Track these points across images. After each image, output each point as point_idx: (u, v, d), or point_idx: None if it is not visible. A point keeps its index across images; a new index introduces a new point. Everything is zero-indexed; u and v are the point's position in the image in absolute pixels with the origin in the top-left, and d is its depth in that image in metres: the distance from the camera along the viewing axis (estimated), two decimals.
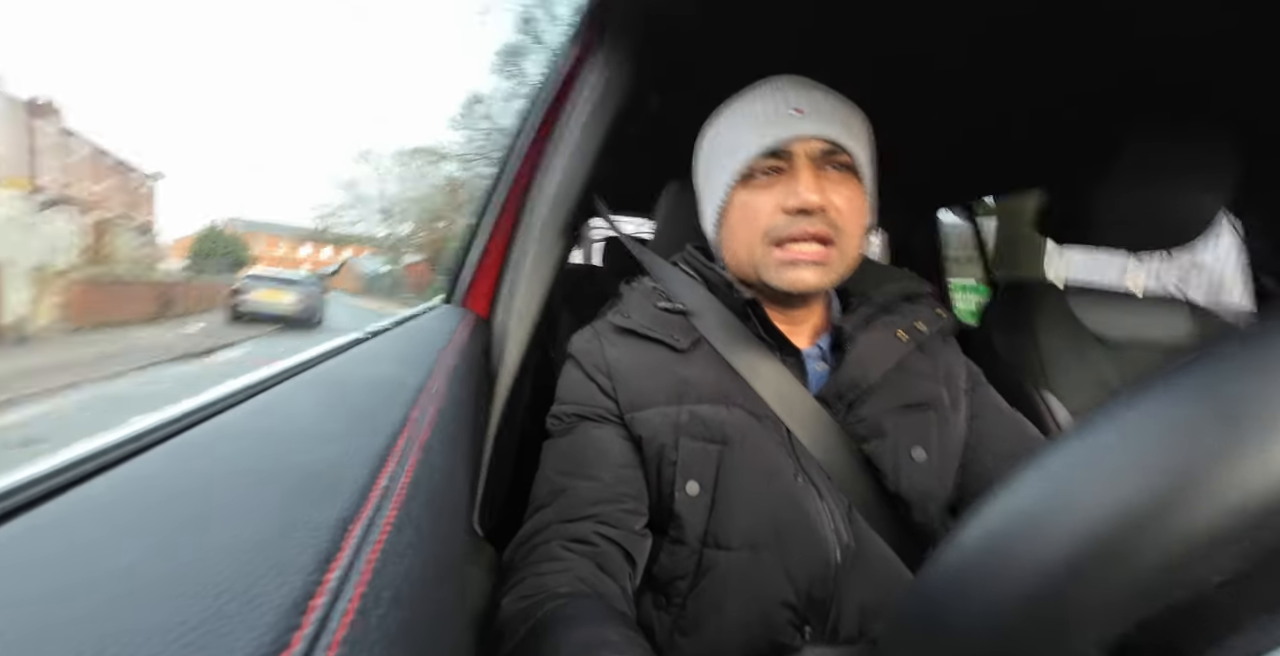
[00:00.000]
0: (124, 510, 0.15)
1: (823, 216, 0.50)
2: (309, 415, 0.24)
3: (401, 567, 0.16)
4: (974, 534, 0.18)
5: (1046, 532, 0.16)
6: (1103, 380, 0.83)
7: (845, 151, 0.51)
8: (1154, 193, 0.76)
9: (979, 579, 0.17)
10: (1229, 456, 0.13)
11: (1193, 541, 0.14)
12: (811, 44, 0.74)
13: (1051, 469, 0.17)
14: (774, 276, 0.52)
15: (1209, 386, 0.15)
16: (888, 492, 0.53)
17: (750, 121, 0.52)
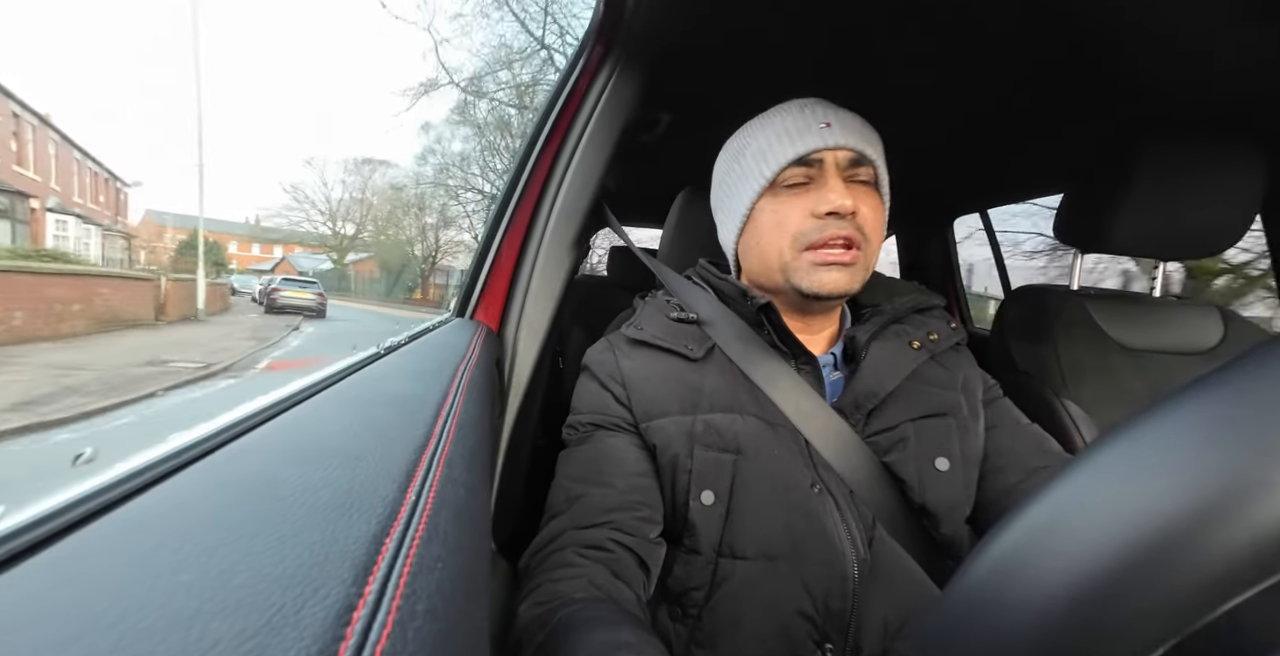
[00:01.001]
0: (169, 528, 0.16)
1: (851, 221, 0.52)
2: (335, 432, 0.25)
3: (433, 580, 0.16)
4: (1001, 549, 0.17)
5: (1075, 547, 0.15)
6: (1127, 389, 0.81)
7: (869, 163, 0.53)
8: (1182, 201, 0.76)
9: (1008, 595, 0.17)
10: (1266, 471, 0.13)
11: (1230, 556, 0.13)
12: (824, 61, 0.75)
13: (1079, 483, 0.17)
14: (804, 279, 0.53)
15: (1243, 396, 0.14)
16: (913, 505, 0.53)
17: (780, 133, 0.54)
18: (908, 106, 0.86)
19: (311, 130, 45.40)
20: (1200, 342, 0.84)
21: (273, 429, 0.25)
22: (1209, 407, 0.15)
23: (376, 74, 43.56)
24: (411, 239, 21.79)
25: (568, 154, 0.71)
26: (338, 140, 46.85)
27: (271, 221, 21.17)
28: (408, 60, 43.26)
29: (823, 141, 0.52)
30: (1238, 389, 0.15)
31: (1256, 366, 0.15)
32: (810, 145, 0.52)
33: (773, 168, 0.54)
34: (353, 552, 0.15)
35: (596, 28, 0.66)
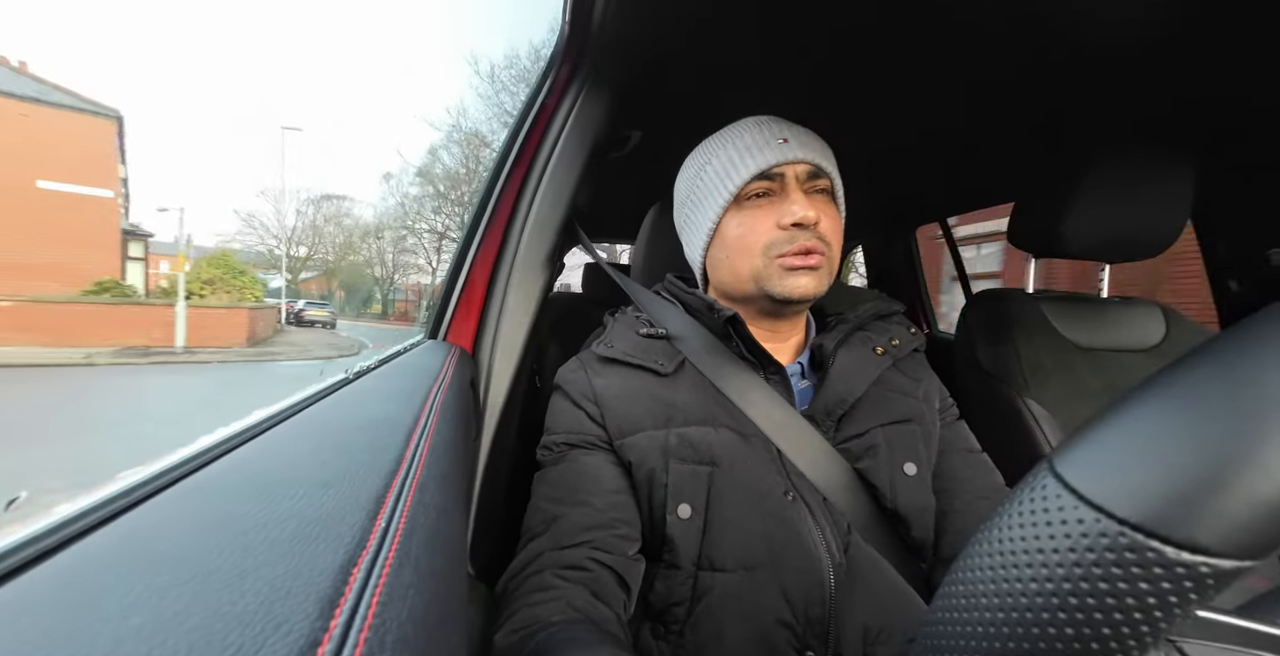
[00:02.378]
0: (118, 571, 0.15)
1: (814, 231, 0.54)
2: (302, 460, 0.24)
3: (404, 608, 0.16)
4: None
5: (1129, 480, 0.15)
6: (1084, 387, 0.85)
7: (826, 175, 0.56)
8: (1123, 207, 0.81)
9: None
10: (1232, 464, 0.14)
11: (1203, 540, 0.14)
12: (789, 78, 0.78)
13: (1128, 419, 0.17)
14: (777, 285, 0.54)
15: (1194, 394, 0.15)
16: (884, 510, 0.53)
17: (741, 149, 0.56)
18: (870, 121, 0.89)
19: (274, 166, 45.65)
20: (1146, 340, 0.89)
21: (233, 461, 0.24)
22: (1164, 405, 0.16)
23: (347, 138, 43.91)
24: (370, 261, 26.48)
25: (538, 172, 0.71)
26: (299, 177, 47.13)
27: (230, 244, 24.54)
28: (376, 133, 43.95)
29: (782, 156, 0.54)
30: (1185, 388, 0.16)
31: (1196, 371, 0.16)
32: (771, 159, 0.54)
33: (736, 182, 0.55)
34: (318, 585, 0.15)
35: (563, 47, 0.67)
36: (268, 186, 32.33)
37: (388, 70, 47.35)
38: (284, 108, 40.98)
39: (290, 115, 42.19)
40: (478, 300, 0.71)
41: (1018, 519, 0.17)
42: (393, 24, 55.55)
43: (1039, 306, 0.90)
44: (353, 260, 26.52)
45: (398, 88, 39.74)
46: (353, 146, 43.09)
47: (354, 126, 44.15)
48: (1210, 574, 0.14)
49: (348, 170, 44.70)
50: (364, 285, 28.03)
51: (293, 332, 16.65)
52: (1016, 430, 0.85)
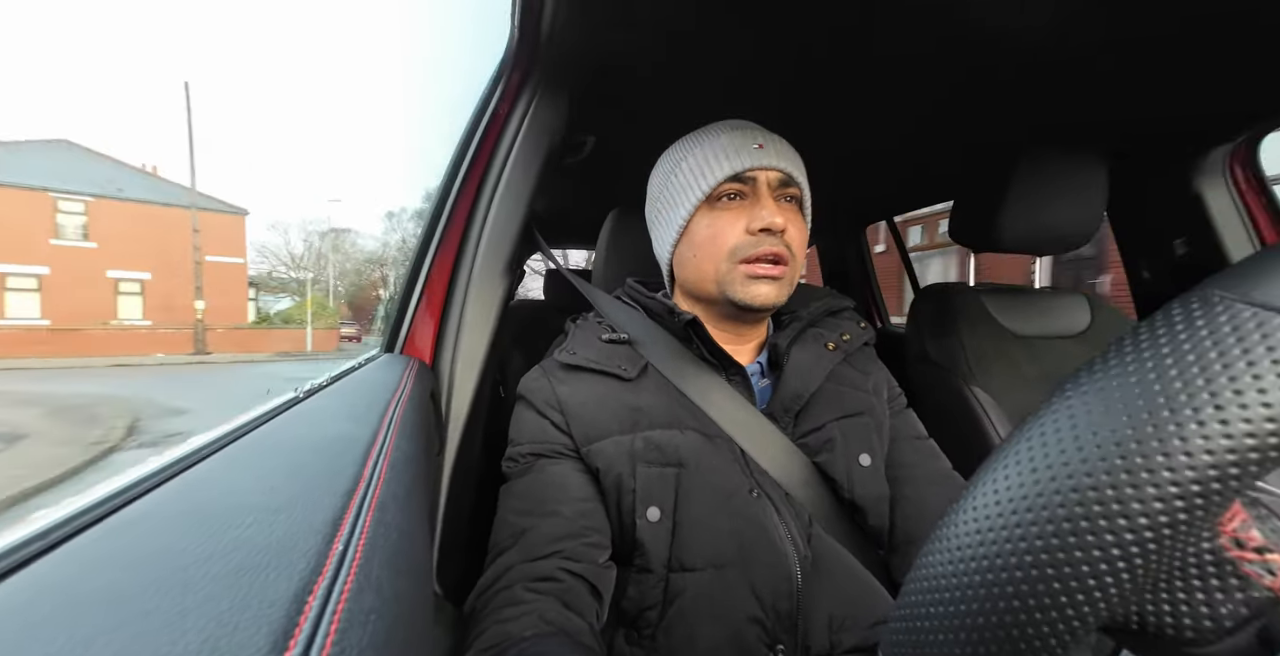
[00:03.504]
0: (33, 619, 0.13)
1: (781, 238, 0.55)
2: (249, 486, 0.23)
3: (365, 634, 0.15)
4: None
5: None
6: (1022, 374, 0.90)
7: (796, 184, 0.57)
8: (1048, 204, 0.87)
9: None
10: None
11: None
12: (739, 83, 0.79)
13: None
14: (739, 291, 0.55)
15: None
16: (842, 501, 0.55)
17: (717, 150, 0.56)
18: (820, 126, 0.93)
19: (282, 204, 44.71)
20: (1074, 327, 0.95)
21: (170, 491, 0.22)
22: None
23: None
24: (375, 283, 30.34)
25: (493, 179, 0.70)
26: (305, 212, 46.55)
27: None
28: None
29: (756, 161, 0.55)
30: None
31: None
32: (746, 163, 0.55)
33: (710, 182, 0.55)
34: (269, 616, 0.14)
35: (513, 53, 0.66)
36: (277, 220, 35.13)
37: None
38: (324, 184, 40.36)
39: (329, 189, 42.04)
40: (436, 311, 0.69)
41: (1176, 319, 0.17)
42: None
43: (980, 298, 0.95)
44: (360, 285, 30.67)
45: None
46: (359, 188, 42.75)
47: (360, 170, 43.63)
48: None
49: (353, 208, 46.32)
50: (373, 306, 31.33)
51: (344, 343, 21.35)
52: (965, 417, 0.89)
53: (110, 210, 13.50)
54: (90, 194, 13.04)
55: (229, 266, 16.17)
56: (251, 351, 14.72)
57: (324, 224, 27.79)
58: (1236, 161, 0.90)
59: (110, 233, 13.54)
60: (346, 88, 51.43)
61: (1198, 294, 0.17)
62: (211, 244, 14.73)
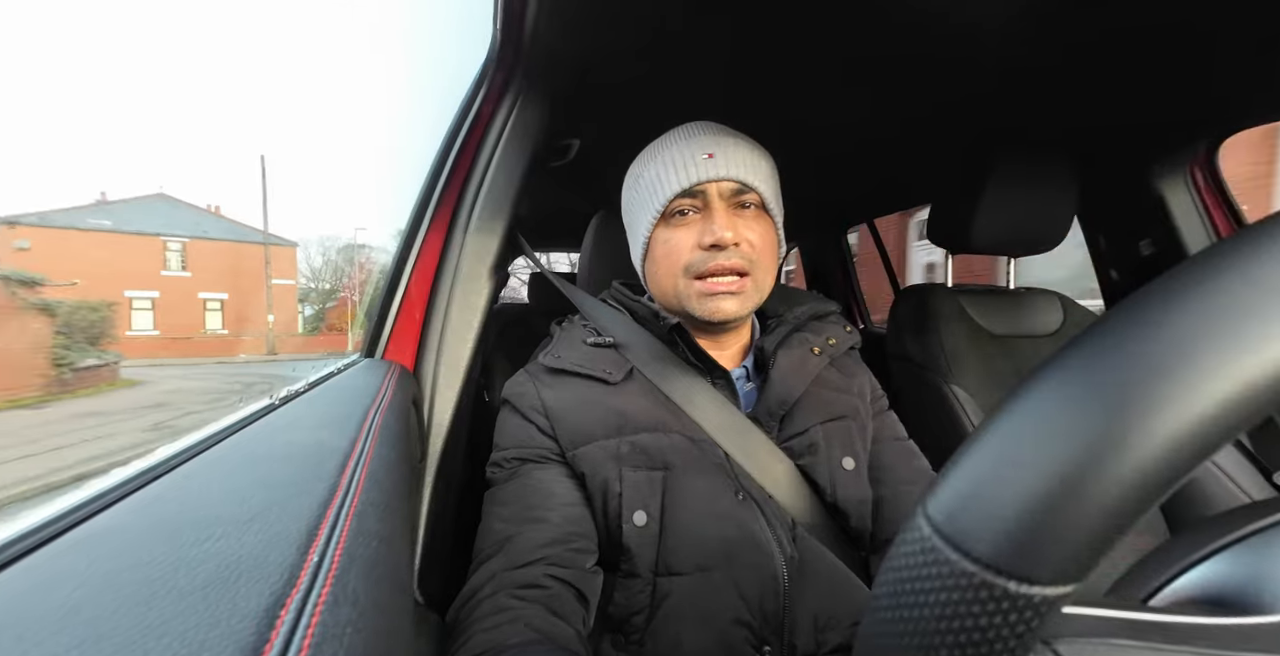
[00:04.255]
0: (6, 626, 0.13)
1: (737, 251, 0.54)
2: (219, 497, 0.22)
3: (341, 648, 0.15)
4: (916, 537, 0.19)
5: (978, 521, 0.17)
6: (997, 371, 0.92)
7: (753, 190, 0.55)
8: (1020, 207, 0.90)
9: (931, 574, 0.18)
10: (1112, 436, 0.15)
11: (1102, 511, 0.15)
12: (722, 87, 0.80)
13: (975, 460, 0.18)
14: (696, 307, 0.55)
15: (1084, 373, 0.16)
16: (826, 504, 0.56)
17: (667, 164, 0.56)
18: (801, 129, 0.94)
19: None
20: (1046, 326, 0.98)
21: (138, 501, 0.21)
22: (1056, 387, 0.17)
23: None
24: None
25: (476, 181, 0.69)
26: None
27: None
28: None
29: (705, 174, 0.53)
30: (1077, 368, 0.17)
31: (1087, 350, 0.17)
32: (693, 178, 0.53)
33: (661, 200, 0.55)
34: (238, 633, 0.14)
35: (496, 55, 0.66)
36: (299, 237, 37.78)
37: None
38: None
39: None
40: (417, 315, 0.68)
41: (900, 560, 0.18)
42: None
43: (957, 298, 0.97)
44: (373, 295, 33.26)
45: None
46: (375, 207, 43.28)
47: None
48: (1042, 602, 0.15)
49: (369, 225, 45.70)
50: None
51: None
52: (944, 415, 0.91)
53: (199, 247, 18.93)
54: (186, 236, 18.56)
55: (285, 287, 21.04)
56: (306, 352, 19.35)
57: (340, 240, 30.44)
58: (1197, 165, 0.93)
59: (199, 264, 18.96)
60: (354, 97, 51.27)
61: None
62: (273, 270, 19.20)
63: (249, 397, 0.43)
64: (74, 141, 38.06)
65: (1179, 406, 0.14)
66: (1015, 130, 0.93)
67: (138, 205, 18.13)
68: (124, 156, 39.97)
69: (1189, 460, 0.14)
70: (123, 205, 18.03)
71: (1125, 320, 0.16)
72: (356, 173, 47.03)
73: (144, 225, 17.62)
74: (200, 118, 43.85)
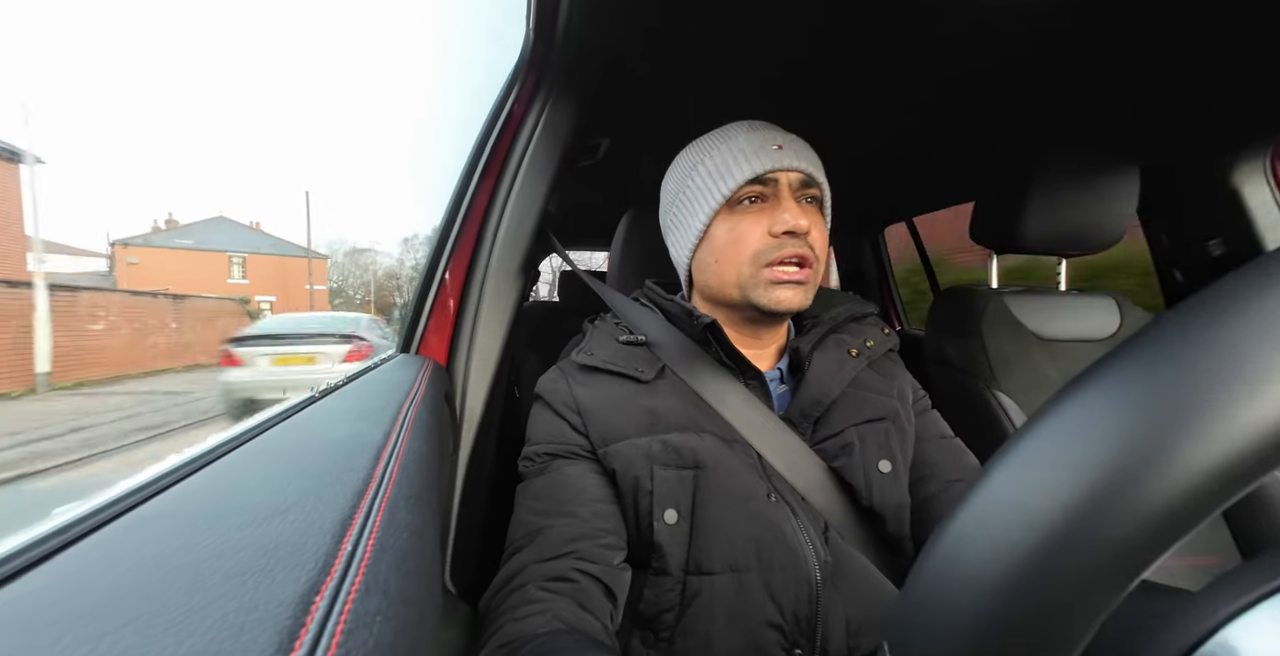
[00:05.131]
0: (45, 619, 0.14)
1: (804, 240, 0.54)
2: (259, 486, 0.23)
3: (371, 636, 0.15)
4: (945, 544, 0.18)
5: (1018, 527, 0.16)
6: (1045, 377, 0.87)
7: (817, 185, 0.56)
8: (1074, 205, 0.85)
9: (957, 583, 0.17)
10: (1163, 438, 0.14)
11: (1151, 515, 0.14)
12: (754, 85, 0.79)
13: (1013, 468, 0.17)
14: (762, 295, 0.54)
15: (1139, 374, 0.16)
16: (861, 508, 0.54)
17: (735, 152, 0.55)
18: (837, 125, 0.92)
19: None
20: (1102, 330, 0.92)
21: (184, 490, 0.23)
22: (1108, 391, 0.16)
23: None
24: (391, 291, 35.33)
25: (508, 182, 0.70)
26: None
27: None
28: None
29: (777, 163, 0.53)
30: (1132, 370, 0.16)
31: (1142, 350, 0.16)
32: (766, 165, 0.53)
33: (730, 186, 0.54)
34: (276, 617, 0.14)
35: (528, 57, 0.67)
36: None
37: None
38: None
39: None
40: (451, 312, 0.70)
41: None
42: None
43: (1002, 300, 0.93)
44: (379, 295, 35.84)
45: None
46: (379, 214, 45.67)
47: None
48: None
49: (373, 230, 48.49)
50: (389, 310, 38.24)
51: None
52: (987, 422, 0.87)
53: (255, 260, 23.79)
54: (245, 251, 23.29)
55: (320, 292, 25.62)
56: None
57: (347, 244, 33.84)
58: (1278, 157, 0.86)
59: (255, 274, 23.71)
60: (370, 106, 53.45)
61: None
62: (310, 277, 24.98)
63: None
64: (142, 166, 42.27)
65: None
66: (1070, 120, 0.87)
67: (206, 225, 23.03)
68: (186, 180, 44.37)
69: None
70: (198, 226, 22.86)
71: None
72: (384, 180, 49.24)
73: (214, 243, 22.53)
74: (245, 138, 47.33)
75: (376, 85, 56.32)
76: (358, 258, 33.64)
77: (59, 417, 6.30)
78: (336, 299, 32.05)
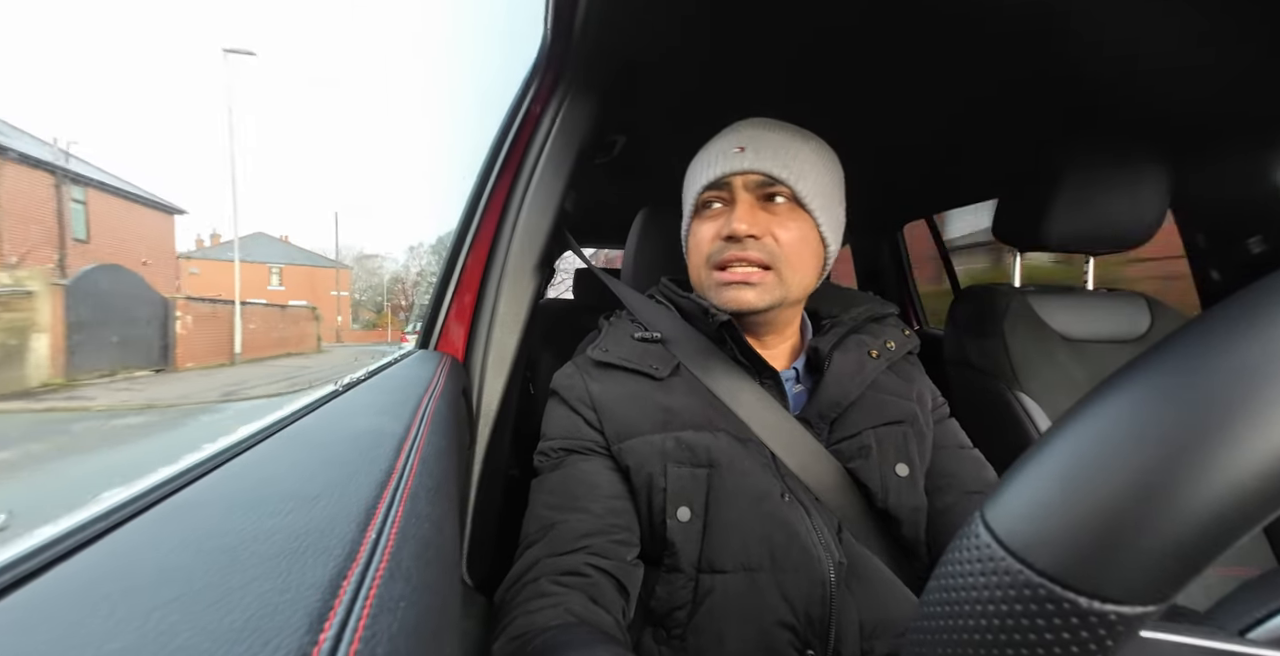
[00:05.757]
0: (99, 594, 0.14)
1: (756, 243, 0.53)
2: (288, 475, 0.24)
3: (395, 620, 0.16)
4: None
5: (1047, 532, 0.15)
6: (1071, 378, 0.85)
7: (782, 184, 0.54)
8: (1103, 202, 0.82)
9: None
10: (1208, 446, 0.13)
11: (1191, 527, 0.14)
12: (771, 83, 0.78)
13: (1044, 468, 0.17)
14: (715, 297, 0.56)
15: (1178, 377, 0.15)
16: (876, 510, 0.54)
17: (704, 158, 0.58)
18: (855, 122, 0.90)
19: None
20: (1132, 331, 0.90)
21: (219, 477, 0.24)
22: (1137, 391, 0.16)
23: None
24: (398, 294, 37.39)
25: (524, 180, 0.71)
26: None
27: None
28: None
29: (730, 167, 0.54)
30: (1162, 372, 0.16)
31: (1185, 345, 0.16)
32: (718, 171, 0.55)
33: (693, 193, 0.57)
34: (306, 599, 0.15)
35: (546, 55, 0.67)
36: (320, 246, 43.71)
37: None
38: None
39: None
40: (468, 309, 0.71)
41: (955, 568, 0.17)
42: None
43: (1025, 299, 0.91)
44: (389, 299, 38.54)
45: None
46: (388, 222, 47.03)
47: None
48: (1119, 621, 0.14)
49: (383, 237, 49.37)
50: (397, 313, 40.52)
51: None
52: (1009, 423, 0.85)
53: (290, 270, 27.39)
54: (281, 262, 26.91)
55: (344, 298, 29.35)
56: (360, 342, 27.14)
57: (355, 249, 35.93)
58: None
59: (290, 281, 27.21)
60: (385, 110, 54.24)
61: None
62: (335, 285, 28.77)
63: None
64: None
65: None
66: (1098, 113, 0.85)
67: (249, 240, 26.36)
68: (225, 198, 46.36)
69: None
70: (245, 241, 26.21)
71: (1227, 320, 0.14)
72: (394, 185, 50.18)
73: (255, 255, 25.96)
74: (266, 150, 48.81)
75: (391, 88, 57.29)
76: (366, 263, 35.27)
77: (252, 377, 10.85)
78: (359, 305, 33.57)
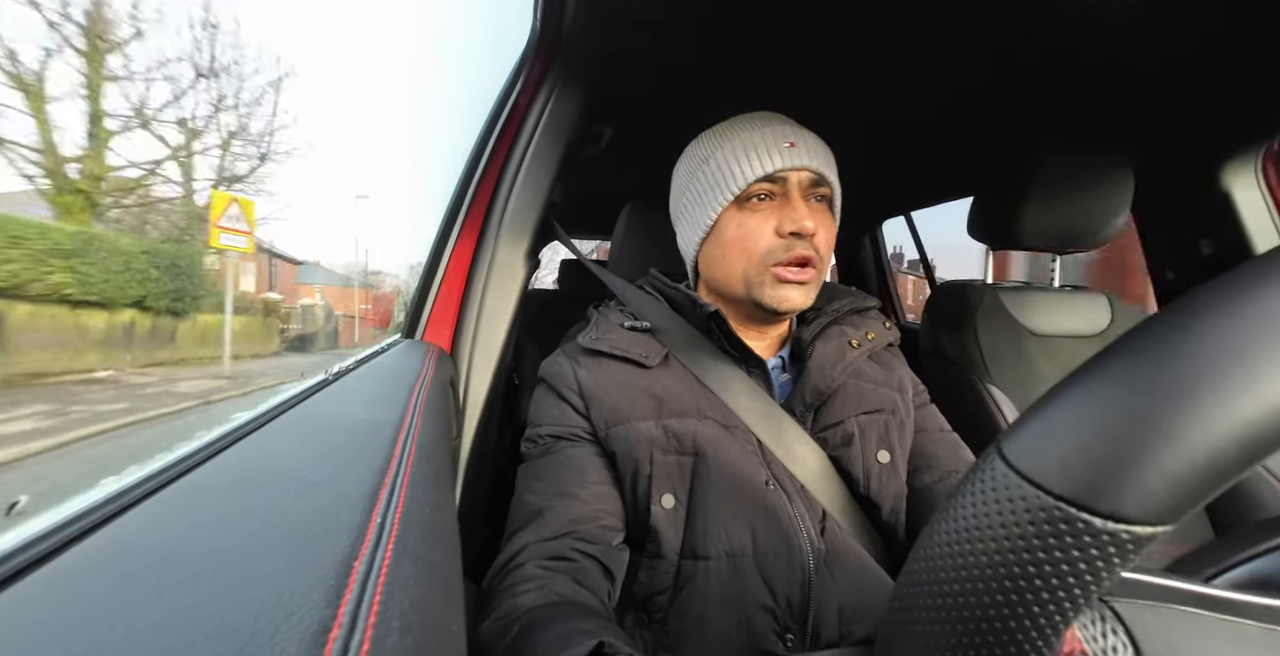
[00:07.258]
0: (129, 566, 0.15)
1: (810, 241, 0.54)
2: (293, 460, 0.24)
3: (407, 596, 0.17)
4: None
5: (1062, 459, 0.17)
6: (1038, 371, 0.89)
7: (828, 184, 0.56)
8: (1072, 202, 0.86)
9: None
10: (1208, 380, 0.15)
11: (1198, 454, 0.15)
12: (755, 76, 0.79)
13: (1059, 403, 0.18)
14: (767, 294, 0.55)
15: (1132, 373, 0.16)
16: (858, 496, 0.56)
17: (747, 147, 0.55)
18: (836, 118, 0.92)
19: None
20: (1094, 326, 0.94)
21: (223, 462, 0.24)
22: (1102, 381, 0.17)
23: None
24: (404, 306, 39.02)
25: (512, 171, 0.71)
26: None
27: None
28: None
29: (789, 161, 0.53)
30: (1126, 367, 0.17)
31: (1190, 304, 0.17)
32: (778, 164, 0.53)
33: (740, 182, 0.54)
34: (323, 578, 0.15)
35: (535, 45, 0.67)
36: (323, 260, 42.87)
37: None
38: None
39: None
40: (455, 299, 0.71)
41: (971, 498, 0.18)
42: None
43: (997, 295, 0.95)
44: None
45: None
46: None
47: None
48: (1130, 539, 0.15)
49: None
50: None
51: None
52: (979, 414, 0.89)
53: (327, 289, 31.13)
54: (324, 283, 30.54)
55: (365, 310, 33.34)
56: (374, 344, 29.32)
57: (359, 264, 36.70)
58: (1269, 159, 0.87)
59: (331, 297, 31.23)
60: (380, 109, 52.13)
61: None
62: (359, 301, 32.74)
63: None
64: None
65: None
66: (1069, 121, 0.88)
67: (310, 267, 31.37)
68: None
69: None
70: (301, 269, 31.12)
71: (1230, 289, 0.16)
72: (392, 191, 48.64)
73: (312, 281, 30.63)
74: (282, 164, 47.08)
75: (378, 83, 55.28)
76: (370, 278, 36.85)
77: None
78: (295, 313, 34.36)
